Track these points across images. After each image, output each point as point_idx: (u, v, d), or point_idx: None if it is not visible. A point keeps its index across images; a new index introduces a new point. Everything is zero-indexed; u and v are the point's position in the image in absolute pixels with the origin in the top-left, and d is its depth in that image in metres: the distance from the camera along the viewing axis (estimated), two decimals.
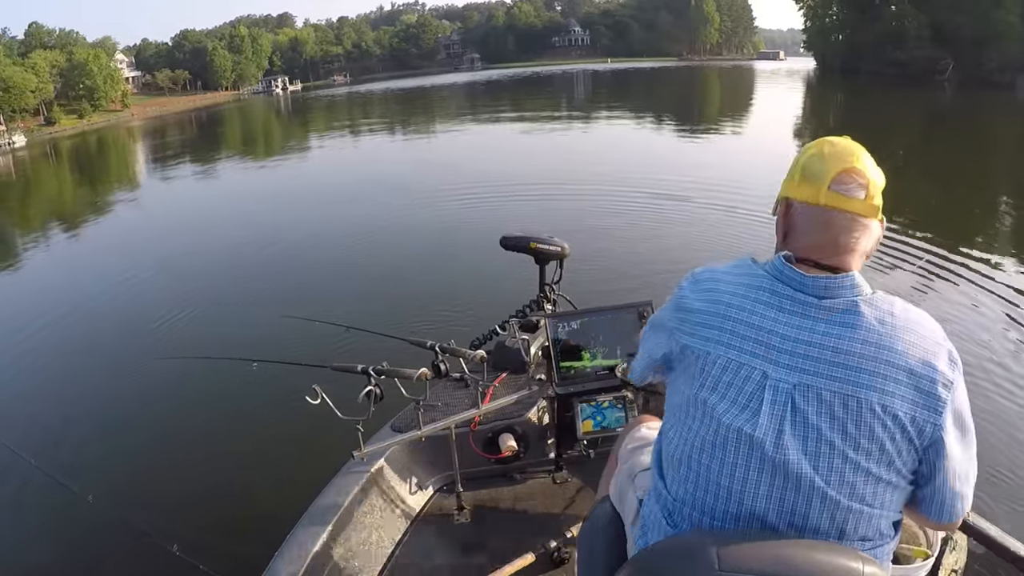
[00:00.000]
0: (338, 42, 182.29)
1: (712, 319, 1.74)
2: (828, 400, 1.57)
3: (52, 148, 64.53)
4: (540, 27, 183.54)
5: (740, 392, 1.65)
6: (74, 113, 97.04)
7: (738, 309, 1.70)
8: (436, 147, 33.43)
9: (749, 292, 1.71)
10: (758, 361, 1.64)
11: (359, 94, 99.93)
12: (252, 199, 22.13)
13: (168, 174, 34.49)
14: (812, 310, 1.63)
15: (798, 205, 1.75)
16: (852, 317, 1.61)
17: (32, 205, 31.16)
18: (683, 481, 1.73)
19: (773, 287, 1.69)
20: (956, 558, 2.34)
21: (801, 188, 1.74)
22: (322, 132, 49.02)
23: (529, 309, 4.77)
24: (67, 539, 5.68)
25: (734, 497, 1.63)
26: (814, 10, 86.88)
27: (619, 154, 25.23)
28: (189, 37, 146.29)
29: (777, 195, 1.86)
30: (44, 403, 8.34)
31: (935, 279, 10.13)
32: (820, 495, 1.56)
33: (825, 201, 1.68)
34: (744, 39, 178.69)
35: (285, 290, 11.54)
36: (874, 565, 1.50)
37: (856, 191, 1.68)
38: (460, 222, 15.29)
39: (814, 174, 1.72)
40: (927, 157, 22.99)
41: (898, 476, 1.60)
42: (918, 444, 1.58)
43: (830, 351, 1.59)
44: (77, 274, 14.91)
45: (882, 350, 1.57)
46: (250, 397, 7.47)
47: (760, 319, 1.67)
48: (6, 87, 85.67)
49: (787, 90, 62.16)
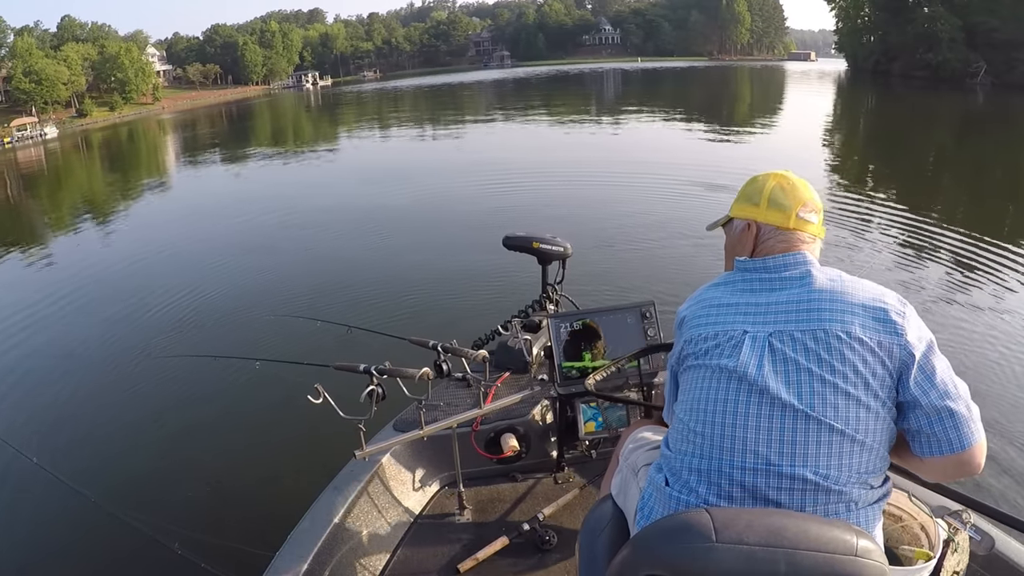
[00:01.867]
0: (368, 38, 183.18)
1: (700, 314, 2.03)
2: (799, 338, 1.81)
3: (83, 140, 65.23)
4: (570, 25, 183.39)
5: (725, 345, 1.90)
6: (105, 105, 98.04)
7: (719, 300, 2.01)
8: (453, 145, 33.34)
9: (726, 288, 2.04)
10: (738, 325, 1.91)
11: (388, 90, 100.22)
12: (264, 197, 21.96)
13: (192, 168, 34.97)
14: (777, 283, 1.95)
15: (767, 228, 2.08)
16: (808, 279, 1.91)
17: (58, 197, 31.53)
18: (683, 432, 1.93)
19: (743, 277, 2.02)
20: (958, 559, 2.31)
21: (770, 214, 2.08)
22: (349, 128, 49.32)
23: (531, 309, 4.76)
24: (68, 538, 5.69)
25: (727, 431, 1.81)
26: (846, 11, 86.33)
27: (637, 154, 25.09)
28: (220, 32, 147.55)
29: (730, 214, 2.22)
30: (46, 401, 8.32)
31: (969, 281, 10.13)
32: (804, 418, 1.73)
33: (794, 226, 2.05)
34: (775, 39, 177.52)
35: (288, 289, 11.52)
36: (867, 539, 1.53)
37: (812, 216, 2.09)
38: (464, 221, 15.30)
39: (782, 205, 2.08)
40: (960, 161, 22.74)
41: (876, 400, 1.75)
42: (890, 366, 1.77)
43: (794, 305, 1.87)
44: (89, 269, 14.90)
45: (836, 297, 1.84)
46: (253, 396, 7.49)
47: (737, 300, 1.97)
48: (38, 79, 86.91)
49: (817, 92, 61.70)
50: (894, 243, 12.37)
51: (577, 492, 3.76)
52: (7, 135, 71.21)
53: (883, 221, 13.79)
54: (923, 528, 2.29)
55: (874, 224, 13.59)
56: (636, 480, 2.24)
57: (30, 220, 25.04)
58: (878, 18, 77.66)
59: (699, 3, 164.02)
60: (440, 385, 4.10)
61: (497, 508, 3.77)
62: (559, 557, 3.34)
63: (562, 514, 3.63)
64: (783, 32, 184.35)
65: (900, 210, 14.71)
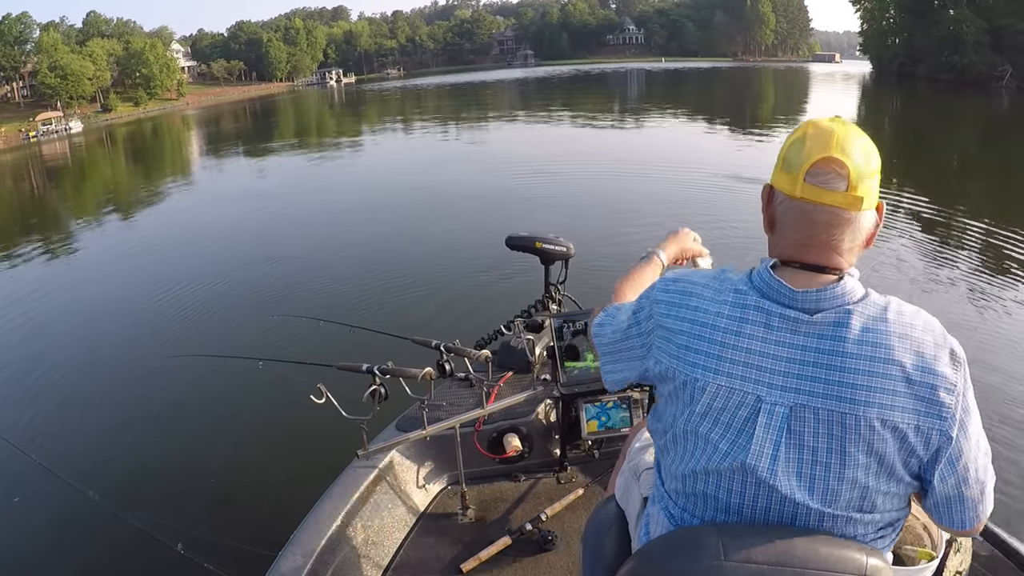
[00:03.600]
0: (392, 36, 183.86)
1: (698, 343, 1.60)
2: (825, 419, 1.48)
3: (107, 134, 65.78)
4: (594, 25, 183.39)
5: (733, 418, 1.55)
6: (130, 101, 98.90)
7: (724, 332, 1.57)
8: (466, 145, 33.42)
9: (735, 311, 1.57)
10: (751, 385, 1.53)
11: (411, 88, 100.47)
12: (276, 196, 21.89)
13: (210, 165, 35.31)
14: (803, 326, 1.51)
15: (779, 195, 1.59)
16: (844, 330, 1.48)
17: (79, 191, 31.88)
18: (684, 493, 1.67)
19: (760, 305, 1.55)
20: (961, 559, 2.29)
21: (781, 177, 1.58)
22: (371, 124, 49.72)
23: (534, 309, 4.75)
24: (72, 537, 5.71)
25: (733, 511, 1.57)
26: (871, 13, 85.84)
27: (650, 153, 25.15)
28: (244, 28, 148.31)
29: None
30: (48, 399, 8.33)
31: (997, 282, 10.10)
32: (818, 515, 1.50)
33: (801, 194, 1.53)
34: (799, 40, 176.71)
35: (291, 289, 11.54)
36: (878, 557, 1.48)
37: (835, 182, 1.50)
38: (467, 221, 15.31)
39: (791, 162, 1.55)
40: (985, 165, 22.45)
41: (900, 484, 1.52)
42: (922, 454, 1.49)
43: (824, 368, 1.48)
44: (90, 268, 15.09)
45: (876, 362, 1.46)
46: (255, 396, 7.48)
47: (749, 341, 1.54)
48: (64, 74, 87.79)
49: (842, 93, 61.32)
50: (922, 243, 12.37)
51: (580, 492, 3.75)
52: (32, 129, 72.17)
53: (909, 223, 13.74)
54: (926, 528, 2.27)
55: (899, 223, 13.56)
56: (637, 484, 2.17)
57: (47, 213, 25.33)
58: (903, 20, 77.13)
59: (724, 3, 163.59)
60: (443, 385, 4.11)
61: (500, 508, 3.77)
62: (562, 557, 3.34)
63: (565, 514, 3.62)
64: (808, 33, 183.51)
65: (927, 210, 14.67)
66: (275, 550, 3.06)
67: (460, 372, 3.94)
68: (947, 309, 8.92)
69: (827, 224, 1.53)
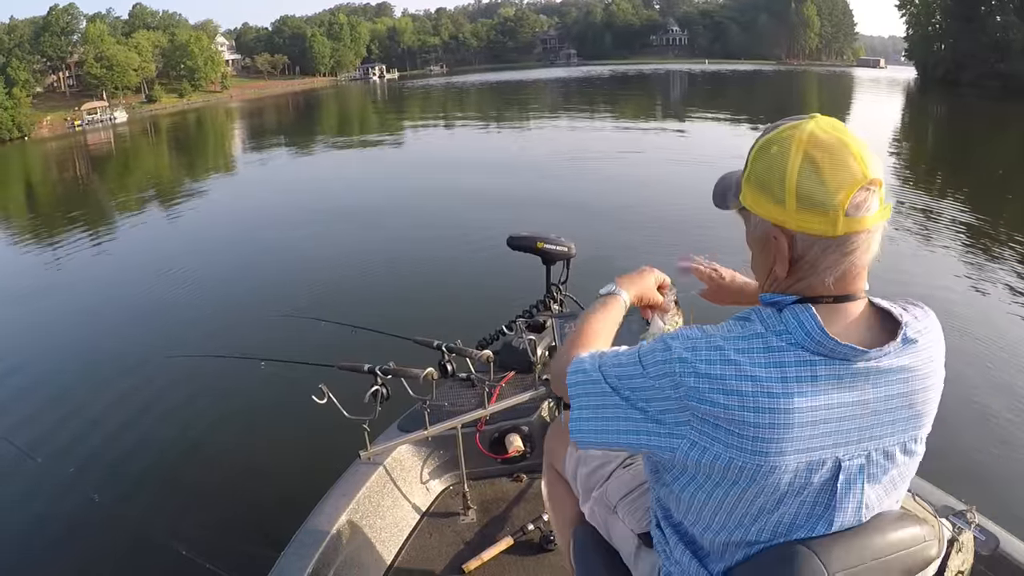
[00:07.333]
0: (435, 33, 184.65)
1: (764, 431, 1.33)
2: (891, 452, 1.42)
3: (151, 124, 66.60)
4: (638, 25, 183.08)
5: (807, 484, 1.39)
6: (174, 92, 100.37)
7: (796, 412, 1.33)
8: (488, 146, 33.34)
9: (801, 385, 1.33)
10: (829, 451, 1.36)
11: (454, 85, 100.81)
12: (294, 191, 22.17)
13: (246, 159, 35.56)
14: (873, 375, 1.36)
15: (806, 238, 1.34)
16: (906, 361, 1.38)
17: (118, 181, 32.40)
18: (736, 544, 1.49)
19: (816, 366, 1.33)
20: (962, 559, 2.26)
21: (803, 218, 1.32)
22: (413, 120, 49.74)
23: (536, 309, 4.72)
24: (73, 538, 5.72)
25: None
26: (917, 18, 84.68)
27: (670, 154, 24.94)
28: (289, 23, 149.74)
29: (742, 202, 1.47)
30: (49, 399, 8.31)
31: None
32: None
33: (844, 230, 1.30)
34: (844, 45, 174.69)
35: (293, 289, 11.49)
36: (918, 522, 1.54)
37: (872, 201, 1.31)
38: (468, 221, 15.20)
39: (814, 198, 1.30)
40: None
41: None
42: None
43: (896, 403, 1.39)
44: (92, 267, 15.16)
45: (930, 372, 1.41)
46: (257, 396, 7.46)
47: (824, 408, 1.34)
48: (109, 65, 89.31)
49: (887, 100, 60.43)
50: (959, 249, 12.31)
51: None
52: (78, 118, 73.33)
53: (949, 229, 13.60)
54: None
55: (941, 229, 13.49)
56: (618, 520, 2.07)
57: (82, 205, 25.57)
58: (949, 26, 75.95)
59: (768, 6, 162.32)
60: (444, 385, 4.09)
61: (502, 508, 3.77)
62: (564, 557, 3.33)
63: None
64: (852, 38, 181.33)
65: (966, 218, 14.49)
66: (277, 550, 3.06)
67: (462, 372, 3.92)
68: (998, 321, 8.93)
69: (867, 246, 1.35)
